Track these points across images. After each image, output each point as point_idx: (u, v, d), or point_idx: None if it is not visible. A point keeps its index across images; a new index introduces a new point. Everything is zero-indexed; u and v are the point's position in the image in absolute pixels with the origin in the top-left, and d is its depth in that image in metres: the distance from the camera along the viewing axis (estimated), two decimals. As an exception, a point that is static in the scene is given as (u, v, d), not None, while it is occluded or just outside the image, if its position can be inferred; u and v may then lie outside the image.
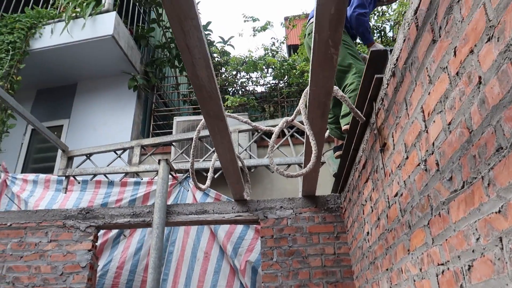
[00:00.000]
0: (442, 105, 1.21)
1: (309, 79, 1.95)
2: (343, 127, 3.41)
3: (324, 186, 4.52)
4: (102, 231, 3.94)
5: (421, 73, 1.37)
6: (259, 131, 3.93)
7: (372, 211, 2.27)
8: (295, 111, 2.35)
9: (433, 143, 1.30)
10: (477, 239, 1.04)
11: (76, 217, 3.54)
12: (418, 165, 1.45)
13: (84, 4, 5.40)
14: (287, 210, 3.40)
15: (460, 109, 1.10)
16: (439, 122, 1.24)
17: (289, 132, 4.23)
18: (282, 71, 5.63)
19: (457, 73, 1.10)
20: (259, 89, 6.70)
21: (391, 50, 1.99)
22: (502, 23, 0.87)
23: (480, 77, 0.98)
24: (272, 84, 6.25)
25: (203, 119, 2.40)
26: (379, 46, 2.81)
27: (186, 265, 4.02)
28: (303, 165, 2.92)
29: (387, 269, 2.02)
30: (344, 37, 3.05)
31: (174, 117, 5.22)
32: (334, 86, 2.05)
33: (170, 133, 6.14)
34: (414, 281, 1.58)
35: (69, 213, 3.56)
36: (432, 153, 1.31)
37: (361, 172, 2.50)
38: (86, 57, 5.63)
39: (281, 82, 6.05)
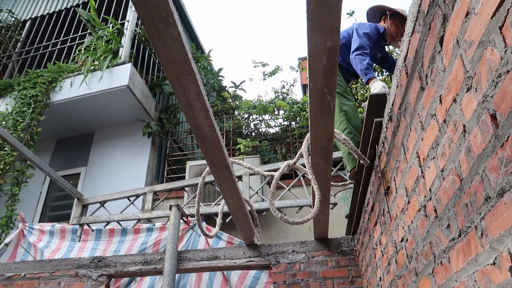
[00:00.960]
0: (434, 151, 1.21)
1: (309, 125, 1.98)
2: (350, 171, 3.40)
3: (339, 228, 4.43)
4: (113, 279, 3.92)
5: (414, 119, 1.38)
6: (255, 173, 3.93)
7: (383, 255, 2.20)
8: (297, 154, 2.36)
9: (430, 189, 1.28)
10: (477, 291, 1.00)
11: (88, 266, 3.54)
12: (419, 210, 1.43)
13: (102, 57, 5.68)
14: (300, 254, 3.33)
15: (450, 156, 1.09)
16: (433, 168, 1.23)
17: (301, 172, 4.22)
18: (293, 113, 5.71)
19: (444, 121, 1.10)
20: (271, 130, 6.77)
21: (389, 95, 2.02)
22: (478, 74, 0.89)
23: (464, 126, 0.98)
24: (284, 126, 6.32)
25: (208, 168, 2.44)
26: (378, 83, 2.82)
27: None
28: (312, 205, 2.88)
29: (400, 318, 1.93)
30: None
31: (187, 162, 5.29)
32: (336, 130, 2.07)
33: (184, 177, 6.20)
34: (425, 333, 1.51)
35: (82, 262, 3.57)
36: (430, 199, 1.29)
37: (370, 214, 2.46)
38: (103, 107, 5.85)
39: (293, 123, 6.11)
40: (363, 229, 2.82)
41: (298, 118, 5.86)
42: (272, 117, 6.22)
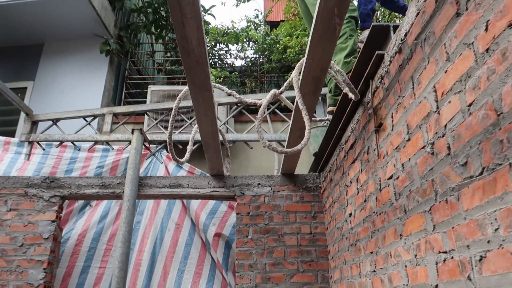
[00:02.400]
0: (462, 85, 1.12)
1: (307, 51, 1.82)
2: (328, 110, 3.34)
3: (300, 165, 4.47)
4: (67, 201, 3.73)
5: (436, 50, 1.27)
6: (239, 104, 3.79)
7: (358, 192, 2.21)
8: (285, 84, 2.22)
9: (446, 125, 1.22)
10: (496, 229, 0.97)
11: (39, 185, 3.31)
12: (423, 147, 1.38)
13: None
14: (265, 187, 3.32)
15: (486, 89, 1.01)
16: (456, 102, 1.15)
17: (269, 108, 4.11)
18: (265, 45, 5.45)
19: (487, 50, 1.00)
20: (238, 62, 6.49)
21: (394, 26, 1.89)
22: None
23: (519, 54, 0.89)
24: (252, 59, 6.06)
25: (187, 88, 2.24)
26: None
27: (155, 235, 3.87)
28: (286, 142, 2.81)
29: (371, 252, 1.98)
30: None
31: (149, 86, 4.95)
32: (332, 62, 1.94)
33: (143, 102, 5.87)
34: (406, 266, 1.54)
35: (31, 181, 3.32)
36: (443, 136, 1.23)
37: (348, 152, 2.43)
38: (55, 15, 5.20)
39: (261, 57, 5.87)
40: (334, 166, 2.81)
41: (267, 52, 5.62)
42: (242, 48, 5.92)
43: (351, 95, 2.10)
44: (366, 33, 2.87)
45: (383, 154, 1.79)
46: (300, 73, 2.07)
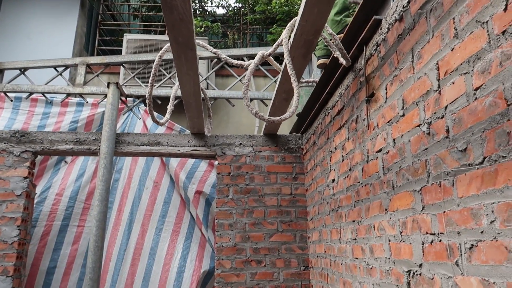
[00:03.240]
0: (469, 66, 1.05)
1: (300, 11, 1.69)
2: (318, 62, 3.20)
3: (282, 124, 4.42)
4: (40, 157, 3.58)
5: (443, 24, 1.19)
6: (222, 60, 3.61)
7: (343, 160, 2.19)
8: (274, 45, 2.09)
9: (446, 107, 1.16)
10: (492, 221, 0.95)
11: (8, 140, 3.13)
12: (418, 126, 1.33)
13: None
14: (247, 147, 3.26)
15: (497, 75, 0.94)
16: (461, 84, 1.09)
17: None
18: (250, -4, 5.15)
19: (503, 32, 0.92)
20: (220, 11, 6.15)
21: (394, -11, 1.77)
22: None
23: (540, 42, 0.82)
24: (235, 8, 5.75)
25: (168, 45, 2.08)
26: None
27: (133, 194, 3.83)
28: (271, 103, 2.73)
29: (353, 221, 1.99)
30: None
31: (125, 34, 4.64)
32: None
33: (118, 50, 5.55)
34: (389, 241, 1.55)
35: (0, 135, 3.14)
36: (442, 117, 1.18)
37: (334, 118, 2.38)
38: None
39: (245, 7, 5.57)
40: (319, 130, 2.77)
41: (252, 1, 5.32)
42: (224, -4, 5.59)
43: (342, 60, 2.00)
44: None
45: (373, 126, 1.74)
46: (290, 34, 1.95)
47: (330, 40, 1.98)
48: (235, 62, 2.13)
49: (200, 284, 3.50)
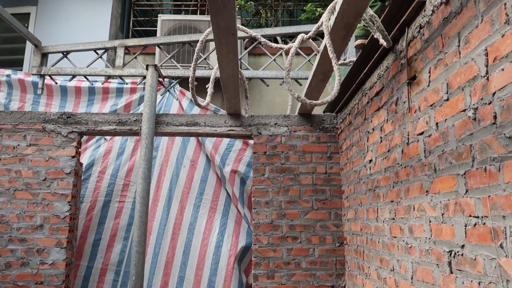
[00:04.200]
0: (521, 54, 1.06)
1: (342, -6, 1.69)
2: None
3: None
4: (85, 137, 3.78)
5: (493, 9, 1.18)
6: (261, 43, 3.63)
7: (381, 141, 2.21)
8: (313, 28, 2.11)
9: (494, 93, 1.17)
10: (540, 207, 0.98)
11: (56, 121, 3.32)
12: (463, 111, 1.34)
13: None
14: (282, 127, 3.32)
15: (551, 64, 0.95)
16: (511, 71, 1.10)
17: (284, 43, 3.94)
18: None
19: (559, 21, 0.92)
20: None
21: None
22: None
23: None
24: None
25: (210, 29, 2.13)
26: None
27: (171, 171, 4.00)
28: (307, 84, 2.75)
29: (392, 201, 2.03)
30: None
31: (159, 15, 4.71)
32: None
33: (151, 31, 5.64)
34: (430, 222, 1.59)
35: (48, 117, 3.32)
36: (490, 104, 1.19)
37: (372, 99, 2.38)
38: None
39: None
40: (355, 110, 2.78)
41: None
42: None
43: (382, 41, 2.00)
44: None
45: (415, 109, 1.75)
46: (331, 15, 1.95)
47: (371, 21, 1.98)
48: (274, 45, 2.16)
49: (237, 258, 3.66)
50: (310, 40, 2.13)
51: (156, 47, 4.17)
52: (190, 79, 2.28)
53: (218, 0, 1.68)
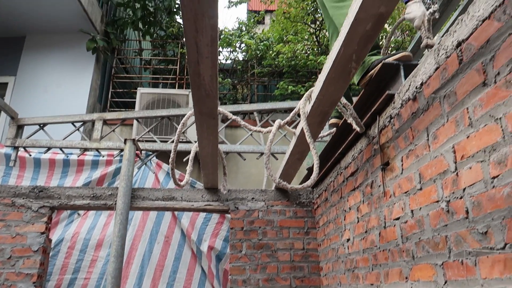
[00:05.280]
0: (486, 156, 1.14)
1: (319, 87, 1.82)
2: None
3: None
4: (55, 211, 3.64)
5: (457, 111, 1.29)
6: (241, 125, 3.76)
7: (358, 221, 2.24)
8: (291, 113, 2.22)
9: (464, 189, 1.24)
10: (518, 307, 1.00)
11: (27, 195, 3.20)
12: (437, 202, 1.40)
13: None
14: (259, 202, 3.32)
15: (514, 169, 1.03)
16: (478, 171, 1.18)
17: (261, 118, 4.09)
18: (258, 51, 5.40)
19: (517, 131, 1.02)
20: (225, 61, 6.39)
21: (404, 65, 1.91)
22: None
23: (553, 147, 0.91)
24: (242, 61, 6.00)
25: (191, 112, 2.21)
26: (418, 8, 2.23)
27: (143, 247, 3.85)
28: (284, 161, 2.82)
29: (371, 284, 2.02)
30: None
31: (138, 88, 4.84)
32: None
33: (130, 102, 5.74)
34: (412, 310, 1.58)
35: (19, 191, 3.21)
36: (461, 198, 1.26)
37: (348, 178, 2.45)
38: (39, 8, 4.98)
39: (252, 60, 5.82)
40: (331, 187, 2.84)
41: (259, 56, 5.57)
42: (233, 51, 5.85)
43: (356, 126, 2.11)
44: (412, 7, 2.14)
45: (390, 194, 1.81)
46: (307, 102, 2.07)
47: (344, 107, 2.10)
48: (254, 128, 2.24)
49: None
50: (286, 125, 2.22)
51: (135, 120, 4.23)
52: (170, 160, 2.30)
53: (201, 89, 1.76)
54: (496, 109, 1.11)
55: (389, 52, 2.71)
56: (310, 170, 3.35)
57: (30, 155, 3.80)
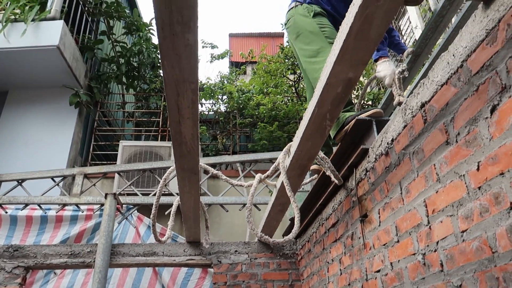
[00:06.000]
0: (454, 210, 1.20)
1: (297, 142, 1.89)
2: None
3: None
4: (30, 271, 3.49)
5: (425, 167, 1.37)
6: (223, 180, 3.80)
7: (341, 274, 2.24)
8: (271, 168, 2.27)
9: (438, 242, 1.29)
10: None
11: (1, 255, 3.09)
12: (413, 254, 1.44)
13: (27, 7, 4.89)
14: (242, 255, 3.28)
15: (480, 224, 1.09)
16: (448, 225, 1.23)
17: (243, 169, 4.14)
18: (239, 102, 5.57)
19: (479, 187, 1.09)
20: (207, 112, 6.54)
21: (376, 121, 2.01)
22: (548, 162, 0.87)
23: (512, 203, 0.97)
24: (225, 113, 6.15)
25: (173, 167, 2.24)
26: (388, 67, 2.39)
27: (123, 305, 3.70)
28: (266, 213, 2.84)
29: None
30: (322, 20, 2.65)
31: (120, 141, 4.87)
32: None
33: (112, 155, 5.73)
34: None
35: (-7, 250, 3.10)
36: (435, 251, 1.30)
37: (329, 230, 2.48)
38: (23, 66, 5.07)
39: (234, 111, 5.98)
40: (314, 239, 2.85)
41: (241, 106, 5.74)
42: (216, 102, 6.01)
43: (334, 179, 2.17)
44: (382, 66, 2.39)
45: (369, 246, 1.84)
46: (286, 156, 2.13)
47: (322, 160, 2.17)
48: (235, 183, 2.28)
49: None
50: (266, 179, 2.27)
51: (116, 173, 4.21)
52: (151, 216, 2.29)
53: (182, 147, 1.81)
54: (459, 167, 1.18)
55: (364, 104, 2.88)
56: (293, 220, 3.36)
57: (7, 212, 3.70)
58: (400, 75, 2.30)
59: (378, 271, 1.74)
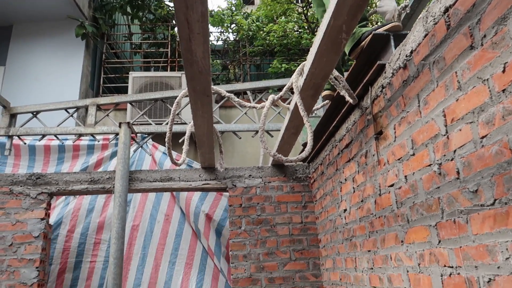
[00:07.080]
0: (474, 117, 1.18)
1: (311, 60, 1.83)
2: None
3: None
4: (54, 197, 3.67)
5: (446, 76, 1.32)
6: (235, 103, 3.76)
7: (354, 191, 2.29)
8: (284, 88, 2.23)
9: (455, 151, 1.28)
10: (507, 258, 1.06)
11: (24, 182, 3.23)
12: (429, 165, 1.44)
13: None
14: (256, 179, 3.37)
15: (501, 127, 1.07)
16: (467, 132, 1.21)
17: (255, 97, 4.10)
18: (250, 32, 5.36)
19: (503, 90, 1.05)
20: (217, 42, 6.35)
21: (394, 35, 1.92)
22: None
23: (538, 103, 0.94)
24: (234, 42, 5.96)
25: (185, 91, 2.22)
26: (388, 1, 2.23)
27: (144, 227, 3.91)
28: (280, 137, 2.85)
29: (369, 251, 2.08)
30: None
31: (130, 72, 4.81)
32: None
33: (122, 87, 5.71)
34: (408, 271, 1.64)
35: (16, 178, 3.23)
36: (452, 160, 1.30)
37: (343, 150, 2.50)
38: (23, -5, 4.90)
39: (244, 40, 5.78)
40: (327, 161, 2.88)
41: (251, 36, 5.53)
42: (224, 31, 5.80)
43: (348, 98, 2.14)
44: (384, 1, 2.24)
45: (384, 162, 1.86)
46: (299, 76, 2.09)
47: (336, 79, 2.12)
48: (248, 105, 2.26)
49: (216, 316, 3.54)
50: (280, 101, 2.24)
51: (128, 103, 4.22)
52: (166, 139, 2.32)
53: (194, 67, 1.77)
54: (483, 71, 1.14)
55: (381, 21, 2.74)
56: (305, 145, 3.39)
57: (25, 143, 3.80)
58: (402, 11, 2.17)
59: (392, 185, 1.77)
